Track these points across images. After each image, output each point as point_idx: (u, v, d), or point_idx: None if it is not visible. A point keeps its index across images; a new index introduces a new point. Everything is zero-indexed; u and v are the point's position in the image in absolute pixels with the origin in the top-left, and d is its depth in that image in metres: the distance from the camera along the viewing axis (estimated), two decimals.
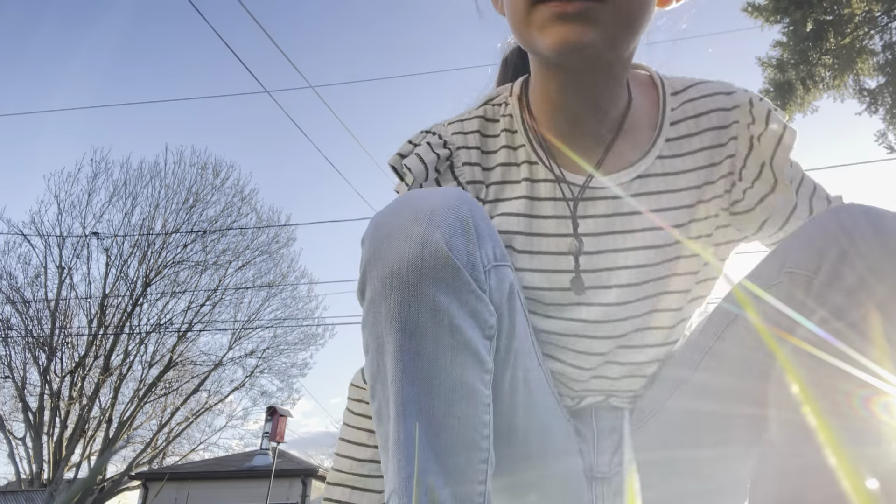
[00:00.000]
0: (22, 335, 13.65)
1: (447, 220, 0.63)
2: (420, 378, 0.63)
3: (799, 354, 0.66)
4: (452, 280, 0.62)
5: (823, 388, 0.63)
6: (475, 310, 0.65)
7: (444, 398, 0.64)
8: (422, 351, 0.63)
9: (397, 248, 0.62)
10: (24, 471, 13.08)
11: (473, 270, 0.64)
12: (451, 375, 0.64)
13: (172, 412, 14.51)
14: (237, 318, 14.96)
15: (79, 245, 14.18)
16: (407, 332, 0.62)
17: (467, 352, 0.64)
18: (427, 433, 0.63)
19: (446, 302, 0.62)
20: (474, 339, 0.65)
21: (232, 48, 7.11)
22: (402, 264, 0.62)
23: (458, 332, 0.63)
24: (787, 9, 7.01)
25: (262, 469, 13.95)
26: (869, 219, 0.62)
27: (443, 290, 0.62)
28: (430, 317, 0.62)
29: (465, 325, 0.64)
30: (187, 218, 14.71)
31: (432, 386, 0.63)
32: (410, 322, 0.62)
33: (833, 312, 0.62)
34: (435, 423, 0.63)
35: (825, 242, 0.63)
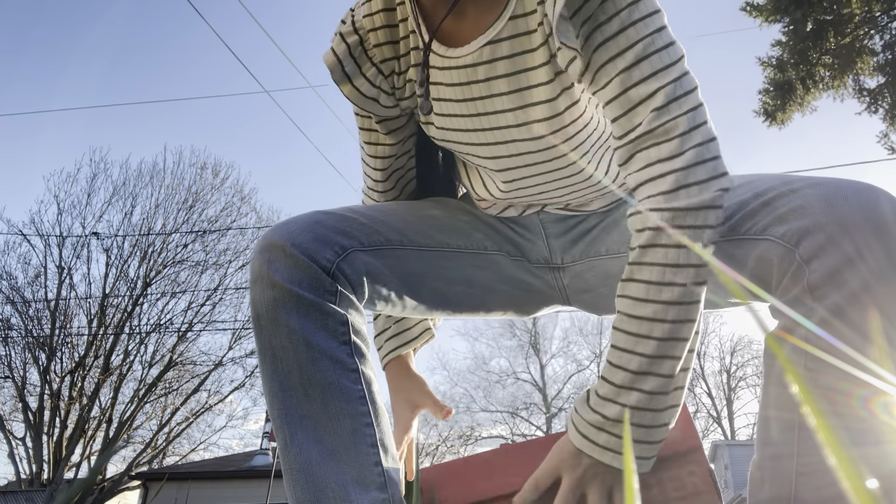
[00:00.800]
0: (22, 335, 13.64)
1: (285, 261, 0.78)
2: (292, 386, 0.77)
3: (798, 353, 0.66)
4: (299, 305, 0.77)
5: (822, 387, 0.64)
6: (324, 324, 0.78)
7: (319, 399, 0.77)
8: (287, 366, 0.77)
9: (256, 295, 0.79)
10: (24, 471, 13.08)
11: (319, 288, 0.78)
12: (316, 379, 0.77)
13: (172, 412, 14.51)
14: (237, 318, 14.98)
15: (79, 245, 14.19)
16: (275, 355, 0.78)
17: (325, 358, 0.77)
18: (310, 433, 0.76)
19: (297, 324, 0.77)
20: (329, 346, 0.78)
21: (232, 48, 7.10)
22: (260, 308, 0.78)
23: (312, 344, 0.77)
24: (786, 8, 7.00)
25: (262, 469, 13.96)
26: (867, 217, 0.63)
27: (293, 316, 0.77)
28: (287, 338, 0.77)
29: (317, 337, 0.78)
30: (187, 218, 14.72)
31: (305, 391, 0.77)
32: (273, 347, 0.78)
33: (832, 311, 0.62)
34: (317, 423, 0.76)
35: (825, 242, 0.63)
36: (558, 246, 0.98)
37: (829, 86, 7.47)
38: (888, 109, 7.32)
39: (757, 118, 7.73)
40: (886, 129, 7.38)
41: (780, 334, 0.68)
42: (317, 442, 0.75)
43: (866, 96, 7.49)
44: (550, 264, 0.99)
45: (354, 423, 0.77)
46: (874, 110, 7.47)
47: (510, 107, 0.83)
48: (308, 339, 0.77)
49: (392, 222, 0.90)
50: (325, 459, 0.75)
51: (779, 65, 7.47)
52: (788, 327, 0.69)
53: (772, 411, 0.70)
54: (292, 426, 0.76)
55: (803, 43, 7.17)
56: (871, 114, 7.51)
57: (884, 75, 7.30)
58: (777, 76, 7.51)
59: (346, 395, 0.77)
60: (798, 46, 7.23)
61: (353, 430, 0.77)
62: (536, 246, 0.99)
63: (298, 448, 0.75)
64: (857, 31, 7.19)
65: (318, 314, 0.78)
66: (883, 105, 7.38)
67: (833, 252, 0.62)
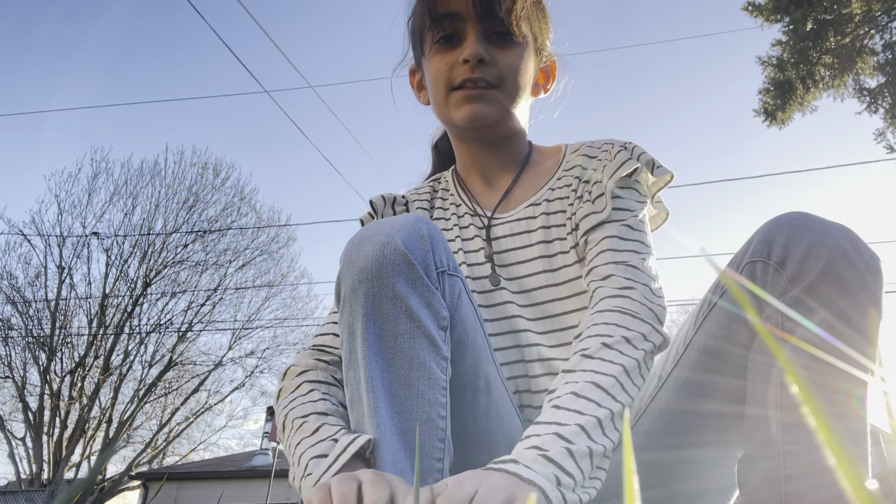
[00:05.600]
0: (22, 335, 13.65)
1: (406, 229, 0.77)
2: (382, 356, 0.74)
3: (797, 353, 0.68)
4: (409, 273, 0.75)
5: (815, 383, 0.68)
6: (429, 301, 0.77)
7: (403, 375, 0.74)
8: (384, 333, 0.74)
9: (364, 251, 0.76)
10: (24, 471, 13.08)
11: (427, 269, 0.77)
12: (408, 355, 0.74)
13: (172, 412, 14.51)
14: (237, 318, 14.97)
15: (79, 245, 14.20)
16: (371, 317, 0.74)
17: (423, 336, 0.75)
18: (390, 408, 0.73)
19: (404, 291, 0.74)
20: (429, 325, 0.76)
21: (231, 48, 7.10)
22: (367, 262, 0.75)
23: (414, 317, 0.75)
24: (787, 8, 7.01)
25: (262, 469, 13.95)
26: (804, 217, 0.74)
27: (401, 280, 0.74)
28: (391, 303, 0.74)
29: (421, 312, 0.75)
30: (187, 218, 14.72)
31: (394, 364, 0.74)
32: (374, 308, 0.74)
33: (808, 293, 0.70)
34: (396, 399, 0.73)
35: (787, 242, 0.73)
36: None
37: (829, 85, 7.47)
38: (888, 109, 7.32)
39: (757, 118, 7.74)
40: (884, 128, 7.38)
41: (780, 334, 0.69)
42: (392, 417, 0.73)
43: (866, 96, 7.49)
44: None
45: (431, 411, 0.74)
46: (874, 110, 7.47)
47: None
48: (411, 310, 0.75)
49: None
50: (393, 437, 0.72)
51: (779, 64, 7.47)
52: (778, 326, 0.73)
53: (771, 411, 0.70)
54: (376, 395, 0.73)
55: (803, 43, 7.17)
56: (871, 114, 7.51)
57: (884, 75, 7.30)
58: (777, 76, 7.51)
59: (432, 381, 0.75)
60: (798, 46, 7.23)
61: (428, 419, 0.74)
62: None
63: (380, 419, 0.72)
64: (857, 31, 7.20)
65: (424, 290, 0.76)
66: (883, 105, 7.38)
67: (796, 246, 0.71)
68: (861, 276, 0.68)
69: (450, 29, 1.00)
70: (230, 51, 7.06)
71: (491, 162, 1.10)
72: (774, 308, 0.73)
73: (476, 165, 1.11)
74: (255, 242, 15.23)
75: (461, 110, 1.00)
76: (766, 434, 0.71)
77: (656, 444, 0.86)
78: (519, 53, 1.02)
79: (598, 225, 0.94)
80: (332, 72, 30.52)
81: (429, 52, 1.04)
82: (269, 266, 15.37)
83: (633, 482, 0.18)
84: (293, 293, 16.24)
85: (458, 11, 0.99)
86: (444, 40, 1.01)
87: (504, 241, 1.04)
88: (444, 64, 1.01)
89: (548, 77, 1.14)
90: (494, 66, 0.99)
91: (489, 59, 0.98)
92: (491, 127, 1.03)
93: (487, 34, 1.00)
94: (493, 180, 1.11)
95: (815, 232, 0.71)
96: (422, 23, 1.04)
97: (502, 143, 1.09)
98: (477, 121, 1.00)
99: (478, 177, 1.12)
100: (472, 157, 1.11)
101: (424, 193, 1.17)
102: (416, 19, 1.07)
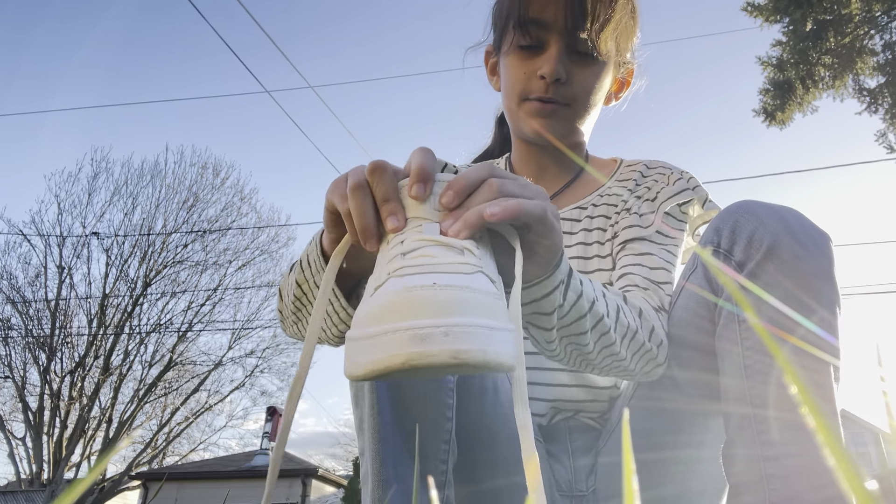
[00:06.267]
0: (22, 335, 13.64)
1: None
2: None
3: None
4: None
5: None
6: None
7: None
8: None
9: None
10: (24, 471, 13.08)
11: None
12: None
13: (172, 412, 14.51)
14: (237, 318, 14.97)
15: (79, 245, 14.19)
16: None
17: None
18: (395, 410, 0.72)
19: None
20: None
21: (232, 48, 7.11)
22: None
23: None
24: (786, 8, 7.01)
25: (262, 469, 13.96)
26: (749, 203, 0.76)
27: None
28: None
29: None
30: (187, 218, 14.71)
31: None
32: None
33: (755, 273, 0.71)
34: (402, 400, 0.72)
35: (734, 229, 0.75)
36: (583, 466, 0.94)
37: (829, 86, 7.47)
38: (888, 109, 7.32)
39: (757, 118, 7.74)
40: (885, 129, 7.38)
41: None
42: (397, 417, 0.73)
43: (866, 96, 7.50)
44: (574, 492, 0.94)
45: (436, 412, 0.74)
46: (874, 110, 7.47)
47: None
48: None
49: None
50: (397, 438, 0.72)
51: (779, 65, 7.47)
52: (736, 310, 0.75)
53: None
54: (381, 395, 0.73)
55: (803, 43, 7.18)
56: (871, 114, 7.51)
57: (884, 75, 7.30)
58: (777, 76, 7.51)
59: (440, 383, 0.75)
60: (798, 46, 7.23)
61: (433, 420, 0.73)
62: (562, 466, 0.95)
63: (384, 419, 0.72)
64: (857, 31, 7.20)
65: None
66: (883, 105, 7.38)
67: (741, 232, 0.73)
68: (805, 254, 0.69)
69: (534, 37, 0.97)
70: (231, 50, 7.07)
71: (547, 163, 1.11)
72: (728, 295, 0.74)
73: (532, 162, 1.12)
74: (254, 242, 15.24)
75: (530, 122, 1.00)
76: (741, 421, 0.71)
77: (644, 445, 0.85)
78: (598, 72, 1.00)
79: (640, 238, 0.94)
80: (332, 72, 30.51)
81: (508, 48, 1.01)
82: (269, 266, 15.38)
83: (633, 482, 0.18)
84: None
85: (547, 20, 0.96)
86: (526, 45, 0.99)
87: None
88: (521, 71, 0.99)
89: (622, 85, 1.12)
90: (570, 85, 0.98)
91: (566, 78, 0.97)
92: (556, 141, 1.03)
93: (570, 47, 0.97)
94: (546, 179, 1.11)
95: (758, 216, 0.72)
96: (507, 19, 1.00)
97: (563, 152, 1.10)
98: (544, 138, 1.01)
99: (531, 173, 1.12)
100: (530, 154, 1.11)
101: None
102: (501, 10, 1.03)
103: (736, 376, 0.73)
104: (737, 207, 0.76)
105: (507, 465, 0.86)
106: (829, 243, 0.71)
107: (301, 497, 14.21)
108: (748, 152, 35.83)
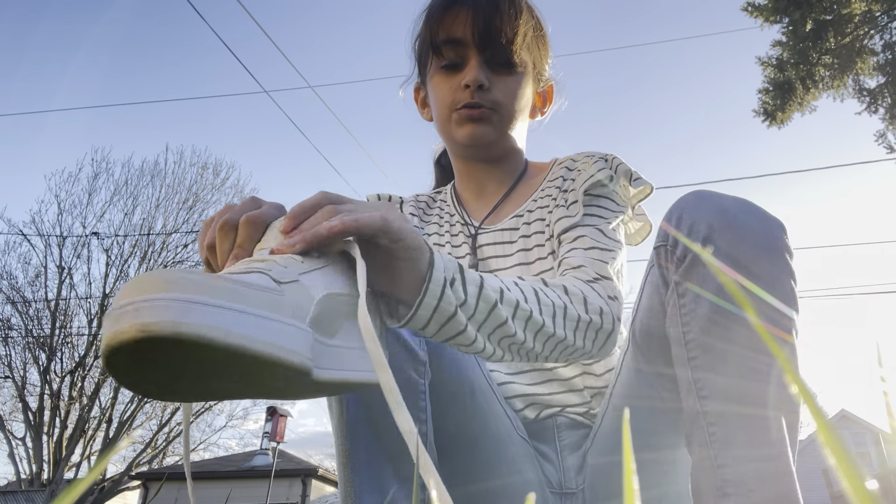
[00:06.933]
0: (22, 335, 13.64)
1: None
2: None
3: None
4: None
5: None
6: None
7: None
8: None
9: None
10: (24, 471, 13.08)
11: None
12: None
13: (172, 412, 14.50)
14: None
15: (79, 245, 14.19)
16: None
17: (398, 343, 0.75)
18: (369, 417, 0.74)
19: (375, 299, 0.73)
20: (403, 333, 0.76)
21: (231, 48, 7.12)
22: None
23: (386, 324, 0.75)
24: (786, 8, 7.01)
25: (262, 469, 13.95)
26: (693, 195, 0.76)
27: None
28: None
29: None
30: (187, 218, 14.71)
31: None
32: None
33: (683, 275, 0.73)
34: (375, 408, 0.74)
35: (669, 218, 0.76)
36: (573, 464, 0.96)
37: (828, 86, 7.48)
38: (888, 109, 7.32)
39: (757, 118, 7.74)
40: (885, 129, 7.39)
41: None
42: (368, 422, 0.75)
43: (866, 96, 7.50)
44: (564, 490, 0.94)
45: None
46: (874, 110, 7.47)
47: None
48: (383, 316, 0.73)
49: None
50: (370, 442, 0.74)
51: (779, 65, 7.48)
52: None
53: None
54: (349, 404, 0.75)
55: (803, 43, 7.18)
56: (870, 114, 7.51)
57: (884, 75, 7.30)
58: (777, 76, 7.52)
59: (411, 386, 0.76)
60: (798, 46, 7.23)
61: None
62: (552, 465, 0.96)
63: (356, 428, 0.75)
64: (857, 31, 7.20)
65: None
66: (883, 105, 7.38)
67: (683, 226, 0.73)
68: (741, 240, 0.69)
69: (452, 55, 1.05)
70: (230, 51, 7.07)
71: (486, 178, 1.16)
72: (672, 290, 0.75)
73: (472, 180, 1.18)
74: None
75: (461, 130, 1.06)
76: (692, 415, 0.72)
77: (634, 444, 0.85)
78: (517, 81, 1.07)
79: (571, 227, 0.98)
80: (332, 72, 30.50)
81: (432, 74, 1.09)
82: None
83: (634, 482, 0.17)
84: None
85: (460, 38, 1.03)
86: (447, 65, 1.06)
87: (487, 249, 1.10)
88: (447, 87, 1.06)
89: (545, 101, 1.20)
90: (493, 91, 1.04)
91: (488, 85, 1.03)
92: (487, 146, 1.09)
93: (489, 61, 1.04)
94: (486, 194, 1.17)
95: (697, 208, 0.73)
96: (425, 47, 1.08)
97: (498, 162, 1.15)
98: (476, 139, 1.05)
99: (473, 191, 1.19)
100: (468, 172, 1.18)
101: (422, 201, 1.26)
102: (420, 43, 1.11)
103: (681, 366, 0.73)
104: (682, 201, 0.76)
105: (488, 467, 0.87)
106: (773, 227, 0.71)
107: (301, 497, 14.22)
108: (748, 152, 35.84)
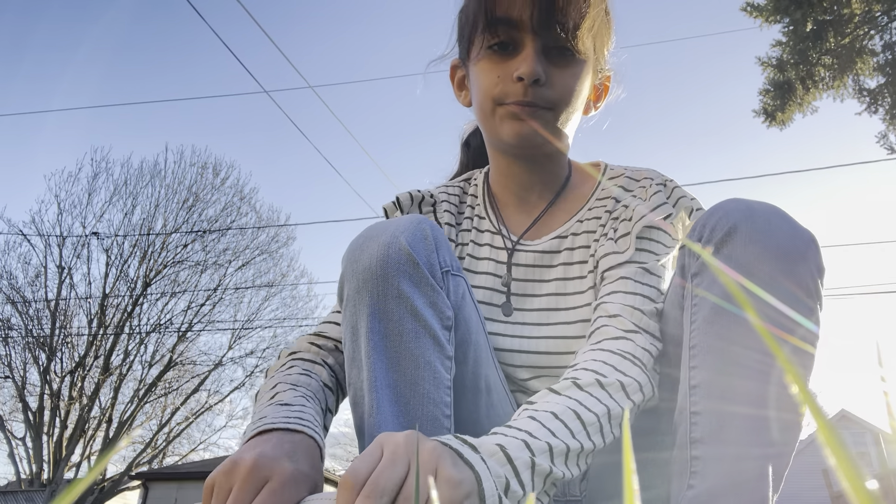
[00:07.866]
0: (22, 335, 13.64)
1: (410, 230, 0.77)
2: (387, 355, 0.74)
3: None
4: (413, 272, 0.75)
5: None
6: (433, 301, 0.76)
7: (409, 375, 0.74)
8: (388, 332, 0.74)
9: (369, 251, 0.76)
10: (24, 471, 13.07)
11: (431, 269, 0.77)
12: (414, 354, 0.74)
13: (172, 412, 14.51)
14: (237, 318, 14.97)
15: (79, 245, 14.18)
16: (377, 316, 0.74)
17: (428, 335, 0.75)
18: (395, 407, 0.73)
19: (409, 290, 0.74)
20: (434, 325, 0.76)
21: (231, 48, 7.11)
22: (372, 261, 0.75)
23: (419, 316, 0.75)
24: (786, 8, 7.01)
25: None
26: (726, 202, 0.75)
27: (406, 280, 0.74)
28: (396, 302, 0.74)
29: (426, 312, 0.75)
30: (187, 218, 14.71)
31: (399, 363, 0.74)
32: (379, 307, 0.74)
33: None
34: (402, 398, 0.74)
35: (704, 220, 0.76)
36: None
37: (829, 86, 7.47)
38: (888, 109, 7.32)
39: (757, 118, 7.74)
40: (886, 130, 7.38)
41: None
42: (397, 416, 0.73)
43: (866, 96, 7.50)
44: (567, 497, 0.92)
45: (436, 411, 0.74)
46: (874, 110, 7.47)
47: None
48: (416, 309, 0.74)
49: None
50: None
51: (779, 65, 7.47)
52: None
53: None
54: (380, 394, 0.73)
55: (803, 43, 7.17)
56: (871, 114, 7.51)
57: (884, 75, 7.30)
58: (777, 76, 7.51)
59: (437, 381, 0.75)
60: (798, 46, 7.23)
61: (434, 417, 0.74)
62: None
63: (383, 417, 0.73)
64: (857, 31, 7.20)
65: (428, 289, 0.76)
66: (883, 105, 7.38)
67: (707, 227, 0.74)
68: (761, 237, 0.69)
69: (505, 36, 0.91)
70: (230, 51, 7.07)
71: (529, 181, 1.03)
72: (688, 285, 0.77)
73: (513, 181, 1.04)
74: (254, 242, 15.23)
75: (509, 128, 0.92)
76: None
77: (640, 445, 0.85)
78: (577, 73, 0.93)
79: (617, 266, 0.89)
80: (332, 72, 30.54)
81: (478, 54, 0.95)
82: (269, 266, 15.38)
83: (633, 482, 0.17)
84: (293, 293, 16.24)
85: (518, 19, 0.89)
86: (498, 47, 0.92)
87: (523, 270, 0.99)
88: (494, 75, 0.92)
89: (600, 95, 1.05)
90: (550, 87, 0.91)
91: (545, 79, 0.90)
92: (537, 147, 0.95)
93: (546, 48, 0.90)
94: (527, 200, 1.04)
95: (725, 209, 0.73)
96: (475, 22, 0.93)
97: (544, 164, 1.02)
98: (524, 140, 0.92)
99: (511, 194, 1.05)
100: (510, 171, 1.03)
101: (454, 195, 1.10)
102: (467, 15, 0.97)
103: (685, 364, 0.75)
104: (714, 206, 0.77)
105: None
106: (797, 230, 0.71)
107: None
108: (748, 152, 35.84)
